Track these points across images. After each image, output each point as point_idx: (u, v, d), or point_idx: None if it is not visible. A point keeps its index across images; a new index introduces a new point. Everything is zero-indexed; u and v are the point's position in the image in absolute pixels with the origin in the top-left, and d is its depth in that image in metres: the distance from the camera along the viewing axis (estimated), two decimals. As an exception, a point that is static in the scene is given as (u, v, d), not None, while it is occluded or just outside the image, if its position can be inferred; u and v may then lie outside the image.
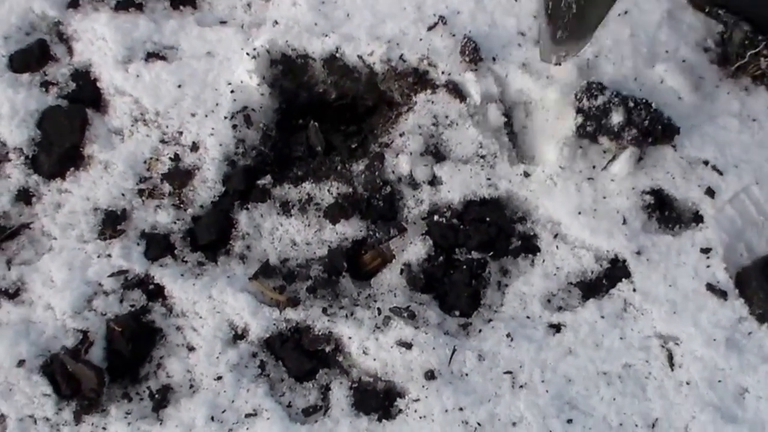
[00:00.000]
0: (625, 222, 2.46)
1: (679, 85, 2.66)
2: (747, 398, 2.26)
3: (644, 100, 2.49)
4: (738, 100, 2.72)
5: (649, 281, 2.39)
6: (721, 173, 2.57)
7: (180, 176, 2.50)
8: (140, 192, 2.48)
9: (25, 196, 2.45)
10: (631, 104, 2.47)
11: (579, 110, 2.52)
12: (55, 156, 2.49)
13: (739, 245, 2.51)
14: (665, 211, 2.53)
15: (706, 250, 2.44)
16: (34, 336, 2.23)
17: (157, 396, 2.21)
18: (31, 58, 2.61)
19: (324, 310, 2.32)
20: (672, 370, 2.29)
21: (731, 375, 2.28)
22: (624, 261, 2.43)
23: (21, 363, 2.17)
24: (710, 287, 2.39)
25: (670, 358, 2.31)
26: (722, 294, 2.37)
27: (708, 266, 2.42)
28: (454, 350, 2.25)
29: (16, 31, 2.64)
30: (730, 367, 2.29)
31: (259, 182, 2.53)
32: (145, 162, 2.52)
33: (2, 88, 2.53)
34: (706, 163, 2.58)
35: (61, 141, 2.51)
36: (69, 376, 2.17)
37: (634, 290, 2.39)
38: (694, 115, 2.62)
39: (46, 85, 2.59)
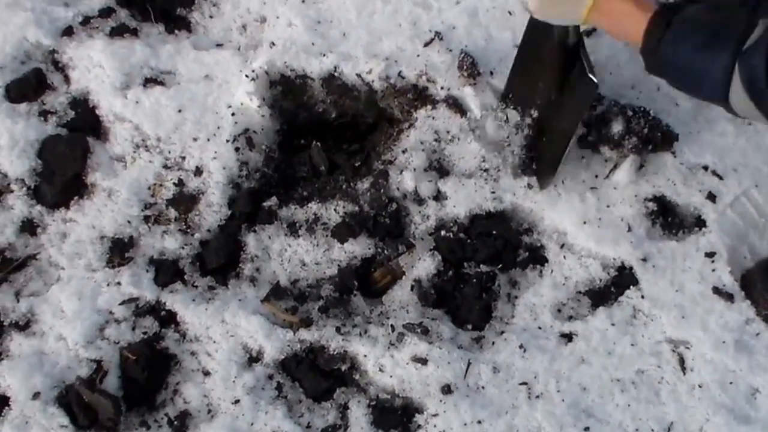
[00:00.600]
0: (629, 230, 2.48)
1: (674, 93, 2.67)
2: (759, 398, 2.29)
3: (642, 108, 2.51)
4: None
5: (656, 287, 2.41)
6: (720, 178, 2.60)
7: (185, 201, 2.50)
8: (146, 218, 2.47)
9: (29, 227, 2.45)
10: (630, 113, 2.50)
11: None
12: (58, 185, 2.48)
13: (742, 248, 2.54)
14: (668, 218, 2.55)
15: (710, 254, 2.46)
16: (48, 367, 2.21)
17: (175, 422, 2.20)
18: (28, 87, 2.60)
19: (337, 329, 2.32)
20: (684, 373, 2.31)
21: (742, 376, 2.30)
22: (631, 268, 2.45)
23: (36, 395, 2.15)
24: (717, 290, 2.41)
25: (682, 362, 2.33)
26: (729, 297, 2.40)
27: (713, 270, 2.44)
28: (469, 364, 2.26)
29: (11, 60, 2.63)
30: (741, 368, 2.31)
31: (265, 204, 2.53)
32: (149, 188, 2.51)
33: (0, 118, 2.51)
34: (705, 168, 2.61)
35: (63, 170, 2.50)
36: (85, 407, 2.16)
37: (643, 297, 2.41)
38: (691, 122, 2.65)
39: (44, 114, 2.58)
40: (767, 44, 1.61)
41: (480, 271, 2.46)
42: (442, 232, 2.47)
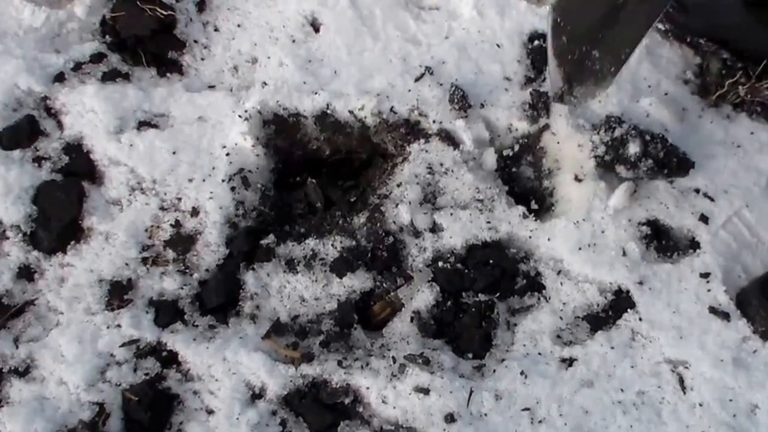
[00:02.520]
0: (624, 254, 2.51)
1: (664, 118, 2.74)
2: (758, 414, 2.32)
3: (660, 135, 2.58)
4: (721, 128, 2.81)
5: (653, 309, 2.45)
6: (712, 199, 2.65)
7: (183, 242, 2.51)
8: (144, 260, 2.47)
9: (26, 273, 2.43)
10: (648, 137, 2.56)
11: (600, 141, 2.59)
12: (54, 231, 2.48)
13: (736, 267, 2.58)
14: (662, 240, 2.60)
15: (705, 275, 2.50)
16: (50, 412, 2.20)
17: None
18: (21, 134, 2.60)
19: (339, 363, 2.33)
20: (684, 393, 2.34)
21: (741, 393, 2.34)
22: (627, 291, 2.48)
23: None
24: (713, 310, 2.44)
25: (681, 381, 2.35)
26: (725, 316, 2.44)
27: (709, 290, 2.48)
28: (471, 392, 2.27)
29: (3, 108, 2.63)
30: (740, 385, 2.34)
31: (262, 242, 2.54)
32: (146, 230, 2.52)
33: (-6, 166, 2.53)
34: (697, 191, 2.66)
35: (59, 215, 2.49)
36: None
37: (640, 319, 2.44)
38: (681, 146, 2.68)
39: (38, 160, 2.57)
40: None
41: (478, 300, 2.48)
42: (440, 263, 2.49)
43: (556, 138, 2.68)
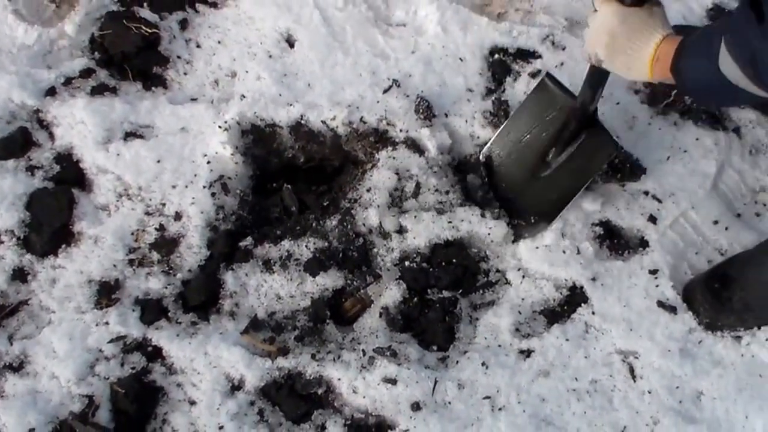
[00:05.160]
0: (579, 252, 2.61)
1: (615, 125, 2.83)
2: (703, 400, 2.42)
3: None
4: (669, 135, 2.89)
5: (605, 303, 2.54)
6: (660, 201, 2.74)
7: (167, 244, 2.57)
8: (131, 262, 2.54)
9: (20, 275, 2.49)
10: None
11: None
12: (46, 235, 2.54)
13: (682, 264, 2.68)
14: (614, 240, 2.69)
15: (653, 272, 2.60)
16: (42, 405, 2.26)
17: None
18: (15, 145, 2.67)
19: (313, 356, 2.41)
20: (634, 381, 2.43)
21: (687, 381, 2.43)
22: (581, 287, 2.58)
23: (32, 431, 2.21)
24: (661, 304, 2.54)
25: (632, 370, 2.45)
26: (672, 309, 2.54)
27: (657, 285, 2.58)
28: (436, 382, 2.36)
29: (-2, 120, 2.69)
30: (686, 373, 2.44)
31: (241, 244, 2.61)
32: (132, 234, 2.58)
33: (-11, 175, 2.58)
34: (646, 193, 2.76)
35: (51, 221, 2.56)
36: None
37: (593, 313, 2.53)
38: (632, 151, 2.79)
39: (31, 169, 2.64)
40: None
41: (442, 296, 2.56)
42: (406, 263, 2.57)
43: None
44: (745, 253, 2.55)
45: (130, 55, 2.96)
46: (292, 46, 3.02)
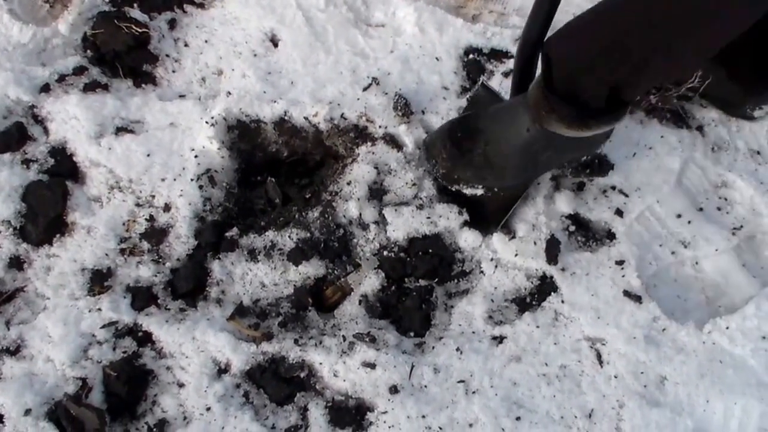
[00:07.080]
0: (549, 243, 2.67)
1: None
2: (666, 385, 2.48)
3: None
4: (635, 132, 2.94)
5: (574, 293, 2.60)
6: (627, 195, 2.80)
7: (156, 234, 2.62)
8: (122, 251, 2.58)
9: (16, 263, 2.54)
10: None
11: None
12: (42, 225, 2.57)
13: (647, 256, 2.73)
14: (583, 232, 2.74)
15: (620, 262, 2.66)
16: (38, 386, 2.31)
17: (155, 430, 2.32)
18: (11, 139, 2.69)
19: (295, 341, 2.46)
20: (601, 366, 2.50)
21: (651, 366, 2.50)
22: (551, 277, 2.63)
23: (28, 412, 2.26)
24: (627, 293, 2.60)
25: (599, 356, 2.51)
26: (637, 298, 2.59)
27: (623, 276, 2.63)
28: (413, 366, 2.42)
29: (-5, 116, 2.72)
30: (650, 359, 2.50)
31: (227, 234, 2.65)
32: (123, 224, 2.62)
33: (-14, 168, 2.61)
34: (613, 188, 2.82)
35: (46, 211, 2.59)
36: (73, 420, 2.26)
37: (563, 302, 2.59)
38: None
39: (26, 162, 2.67)
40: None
41: (419, 285, 2.61)
42: (385, 253, 2.62)
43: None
44: (494, 108, 2.55)
45: (121, 54, 2.98)
46: (276, 45, 3.06)
